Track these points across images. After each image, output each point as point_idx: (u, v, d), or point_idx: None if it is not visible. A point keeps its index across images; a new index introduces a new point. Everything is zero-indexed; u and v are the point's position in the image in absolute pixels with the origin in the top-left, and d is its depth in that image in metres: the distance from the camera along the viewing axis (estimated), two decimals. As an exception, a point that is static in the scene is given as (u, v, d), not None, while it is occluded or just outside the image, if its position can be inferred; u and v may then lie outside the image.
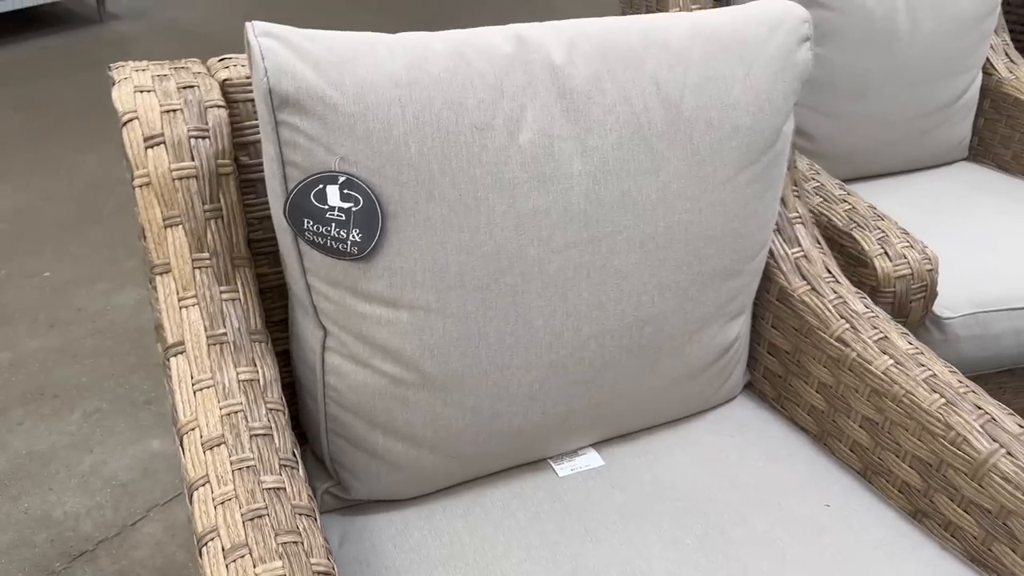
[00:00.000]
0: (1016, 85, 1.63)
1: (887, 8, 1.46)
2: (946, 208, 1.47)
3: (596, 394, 0.89)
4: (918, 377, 0.88)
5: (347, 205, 0.74)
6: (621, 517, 0.85)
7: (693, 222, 0.87)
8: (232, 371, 0.77)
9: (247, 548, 0.65)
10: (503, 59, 0.79)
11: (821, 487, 0.90)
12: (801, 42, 0.91)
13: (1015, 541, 0.78)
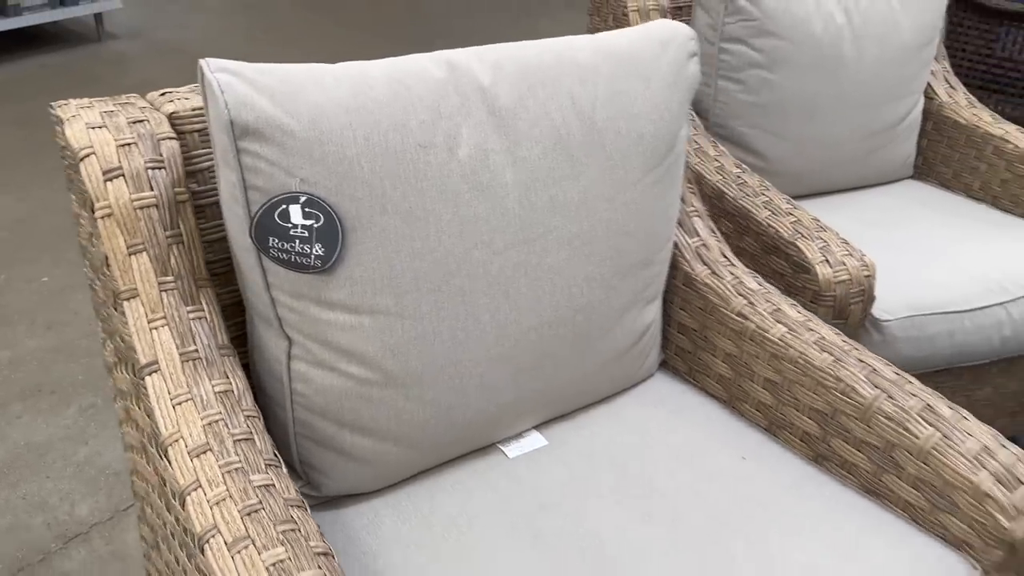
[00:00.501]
0: (955, 109, 1.75)
1: (833, 37, 1.56)
2: (890, 222, 1.57)
3: (538, 380, 0.99)
4: (809, 340, 1.02)
5: (309, 222, 0.80)
6: (569, 487, 0.95)
7: (611, 220, 0.98)
8: (207, 384, 0.82)
9: (249, 539, 0.70)
10: (437, 83, 0.88)
11: (735, 444, 1.03)
12: (690, 57, 1.04)
13: (900, 469, 0.93)
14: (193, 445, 0.77)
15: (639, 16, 1.55)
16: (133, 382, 0.85)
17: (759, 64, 1.54)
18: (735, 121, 1.58)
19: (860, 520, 0.92)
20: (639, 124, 0.99)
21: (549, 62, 0.95)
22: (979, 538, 0.87)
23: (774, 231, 1.27)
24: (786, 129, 1.59)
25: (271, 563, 0.69)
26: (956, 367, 1.42)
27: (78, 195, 0.87)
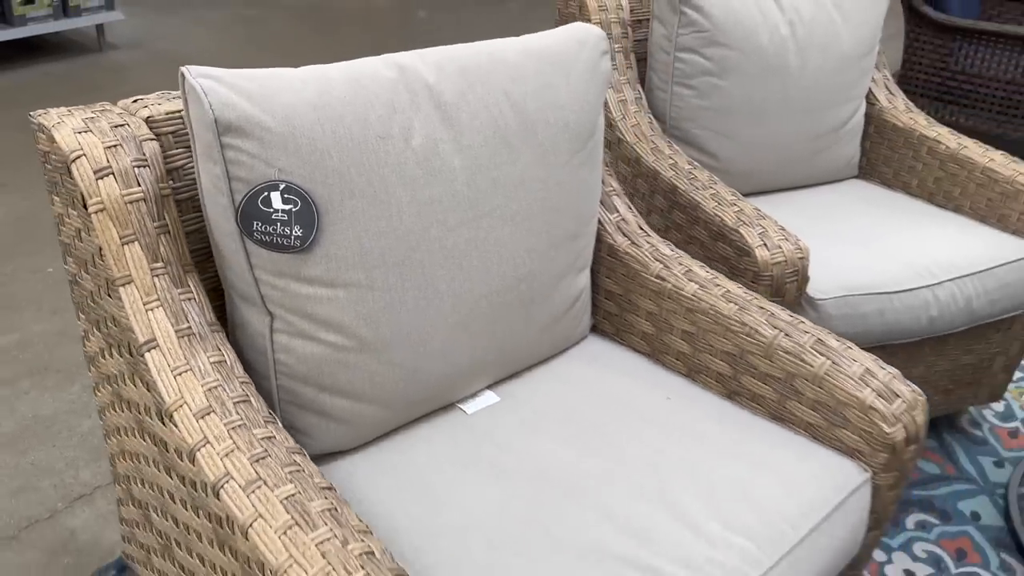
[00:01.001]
0: (895, 114, 1.88)
1: (779, 47, 1.68)
2: (832, 216, 1.70)
3: (489, 343, 1.12)
4: (717, 294, 1.19)
5: (288, 207, 0.91)
6: (521, 433, 1.08)
7: (545, 198, 1.12)
8: (203, 356, 0.91)
9: (260, 480, 0.81)
10: (389, 82, 1.00)
11: (661, 388, 1.19)
12: (602, 55, 1.19)
13: (800, 395, 1.11)
14: (197, 408, 0.87)
15: (602, 27, 1.66)
16: (129, 362, 0.94)
17: (710, 72, 1.65)
18: (689, 124, 1.69)
19: (771, 440, 1.09)
20: (564, 114, 1.13)
21: (484, 62, 1.08)
22: (868, 445, 1.05)
23: (720, 220, 1.40)
24: (736, 131, 1.70)
25: (284, 497, 0.79)
26: (889, 344, 1.55)
27: (64, 196, 0.95)
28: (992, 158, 1.72)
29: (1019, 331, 1.69)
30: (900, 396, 1.05)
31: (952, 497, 1.66)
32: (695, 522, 0.95)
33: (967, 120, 2.85)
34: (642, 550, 0.91)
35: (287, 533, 0.76)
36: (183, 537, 0.96)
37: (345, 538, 0.76)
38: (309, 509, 0.78)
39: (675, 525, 0.95)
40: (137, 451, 1.03)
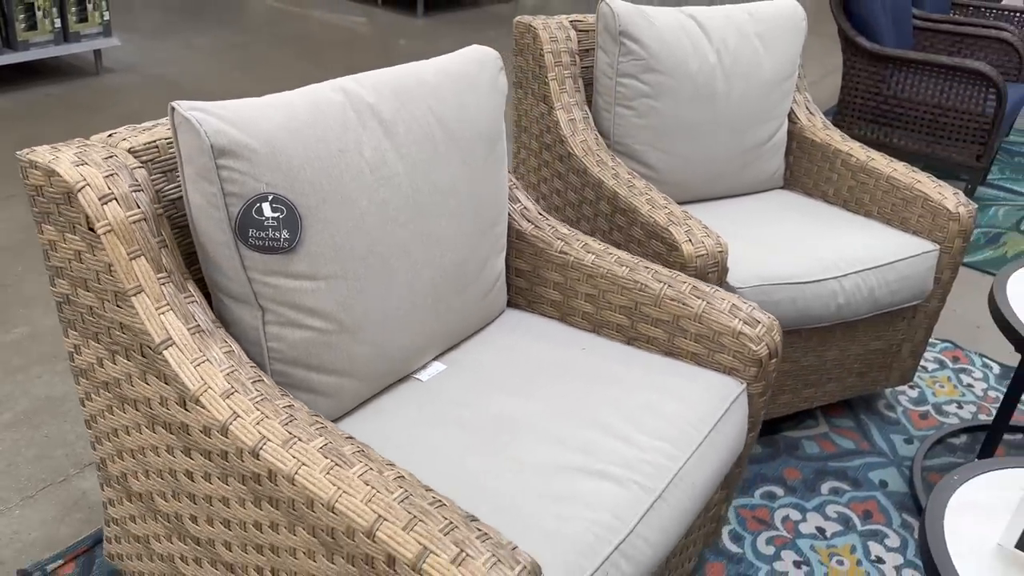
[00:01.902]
0: (813, 131, 2.13)
1: (707, 75, 1.92)
2: (756, 220, 1.93)
3: (435, 320, 1.32)
4: (611, 261, 1.46)
5: (276, 215, 1.08)
6: (471, 392, 1.30)
7: (470, 194, 1.34)
8: (215, 348, 1.07)
9: (295, 438, 0.98)
10: (339, 105, 1.19)
11: (575, 342, 1.44)
12: (499, 71, 1.43)
13: (685, 332, 1.39)
14: (221, 390, 1.02)
15: (553, 57, 1.90)
16: (141, 362, 1.07)
17: (648, 95, 1.87)
18: (630, 140, 1.91)
19: (667, 371, 1.37)
20: (477, 123, 1.36)
21: (411, 83, 1.29)
22: (740, 363, 1.35)
23: (653, 220, 1.63)
24: (672, 147, 1.93)
25: (319, 448, 0.97)
26: (804, 329, 1.77)
27: (60, 223, 1.07)
28: (895, 168, 1.96)
29: (922, 320, 1.94)
30: (761, 322, 1.36)
31: (864, 468, 1.86)
32: (624, 435, 1.21)
33: (900, 140, 3.13)
34: (588, 460, 1.16)
35: (330, 472, 0.94)
36: (203, 510, 1.11)
37: (379, 469, 0.95)
38: (343, 452, 0.97)
39: (610, 440, 1.20)
40: (142, 445, 1.15)
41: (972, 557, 1.06)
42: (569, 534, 1.04)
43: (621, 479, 1.13)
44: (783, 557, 1.59)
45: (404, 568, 0.87)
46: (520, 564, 0.87)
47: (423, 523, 0.89)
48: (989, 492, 1.16)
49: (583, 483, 1.12)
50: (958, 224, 1.83)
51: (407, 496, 0.92)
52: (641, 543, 1.09)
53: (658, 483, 1.15)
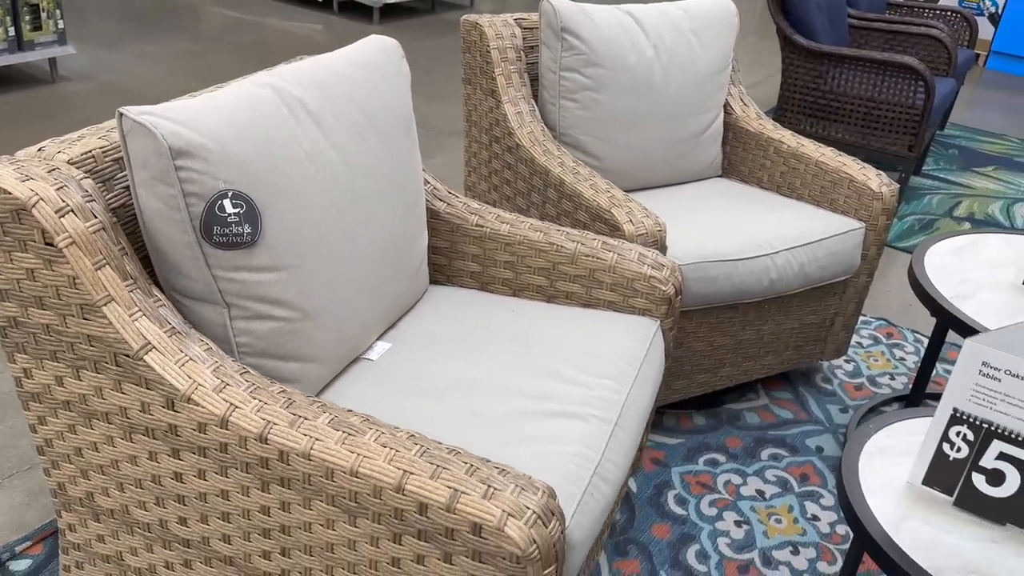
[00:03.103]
0: (747, 121, 2.24)
1: (645, 67, 2.01)
2: (694, 205, 2.04)
3: (378, 299, 1.39)
4: (525, 228, 1.58)
5: (237, 210, 1.11)
6: (422, 363, 1.38)
7: (394, 177, 1.41)
8: (195, 347, 1.08)
9: (300, 418, 1.03)
10: (271, 100, 1.22)
11: (503, 306, 1.55)
12: (401, 59, 1.50)
13: (601, 283, 1.54)
14: (213, 386, 1.05)
15: (499, 53, 1.95)
16: (117, 372, 1.06)
17: (590, 88, 1.96)
18: (575, 131, 2.01)
19: (591, 320, 1.51)
20: (392, 109, 1.43)
21: (328, 75, 1.34)
22: (653, 304, 1.52)
23: (597, 203, 1.72)
24: (614, 137, 2.03)
25: (327, 423, 1.02)
26: (740, 303, 1.88)
27: (6, 244, 1.04)
28: (823, 154, 2.09)
29: (852, 295, 2.07)
30: (666, 265, 1.53)
31: (801, 436, 1.99)
32: (572, 379, 1.34)
33: (837, 133, 3.29)
34: (548, 404, 1.27)
35: (345, 442, 1.00)
36: (194, 510, 1.12)
37: (391, 432, 1.02)
38: (351, 423, 1.02)
39: (561, 384, 1.32)
40: (115, 459, 1.14)
41: (883, 494, 1.16)
42: (552, 467, 1.15)
43: (582, 415, 1.26)
44: (725, 517, 1.73)
45: (437, 512, 0.95)
46: (539, 489, 0.97)
47: (447, 469, 0.97)
48: (899, 438, 1.27)
49: (550, 424, 1.23)
50: (881, 203, 1.97)
51: (425, 450, 0.99)
52: (611, 465, 1.23)
53: (612, 414, 1.29)
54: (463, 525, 0.94)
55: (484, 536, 0.93)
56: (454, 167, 3.38)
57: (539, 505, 0.95)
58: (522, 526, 0.93)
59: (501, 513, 0.93)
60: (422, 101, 4.17)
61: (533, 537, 0.93)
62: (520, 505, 0.94)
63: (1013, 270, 1.75)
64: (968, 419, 1.08)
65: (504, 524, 0.92)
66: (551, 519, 0.95)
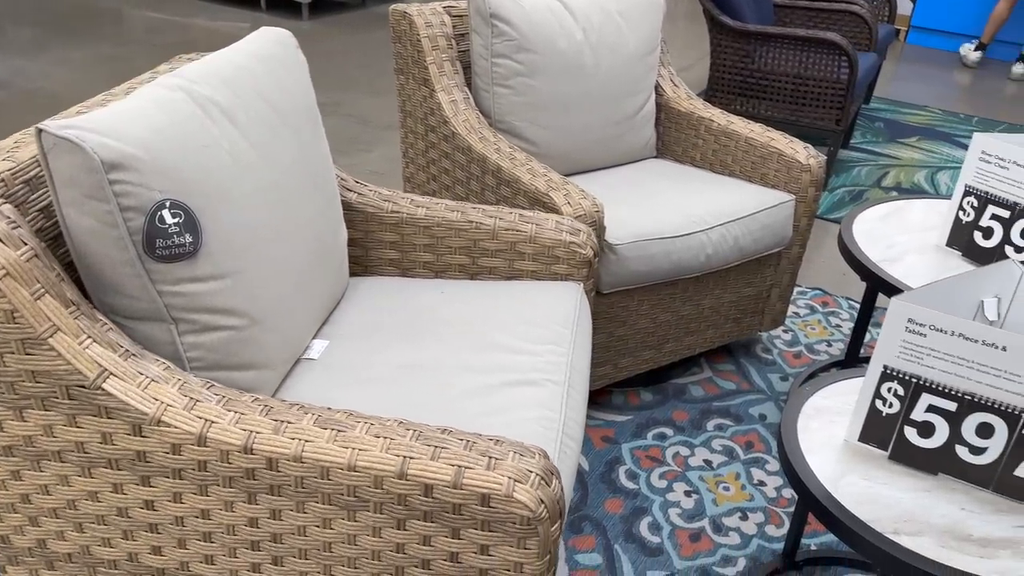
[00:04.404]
0: (678, 102, 2.27)
1: (575, 51, 2.01)
2: (630, 185, 2.06)
3: (313, 296, 1.36)
4: (441, 209, 1.59)
5: (177, 220, 1.06)
6: (367, 353, 1.37)
7: (311, 170, 1.39)
8: (153, 367, 1.03)
9: (284, 423, 1.01)
10: (184, 102, 1.17)
11: (430, 289, 1.56)
12: (297, 49, 1.47)
13: (523, 255, 1.58)
14: (183, 404, 1.00)
15: (429, 42, 1.89)
16: (71, 405, 1.00)
17: (522, 73, 1.96)
18: (511, 117, 1.99)
19: (520, 291, 1.55)
20: (296, 99, 1.40)
21: (232, 72, 1.29)
22: (574, 268, 1.58)
23: (535, 188, 1.73)
24: (549, 121, 2.03)
25: (312, 423, 1.01)
26: (680, 280, 1.94)
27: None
28: (752, 130, 2.13)
29: (787, 266, 2.14)
30: (582, 231, 1.59)
31: (744, 405, 2.05)
32: (518, 348, 1.38)
33: (767, 111, 3.32)
34: (503, 376, 1.31)
35: (336, 439, 0.99)
36: (170, 536, 1.07)
37: (380, 422, 1.02)
38: (337, 419, 1.02)
39: (507, 355, 1.36)
40: (72, 498, 1.07)
41: (822, 453, 1.21)
42: (523, 433, 1.19)
43: (536, 381, 1.31)
44: (675, 488, 1.78)
45: (444, 491, 0.96)
46: (535, 453, 1.01)
47: (445, 449, 0.99)
48: (835, 399, 1.33)
49: (508, 393, 1.27)
50: (810, 175, 2.03)
51: (419, 434, 1.01)
52: (572, 424, 1.28)
53: (562, 376, 1.35)
54: (471, 499, 0.96)
55: (493, 505, 0.96)
56: (393, 160, 3.32)
57: (540, 467, 0.99)
58: (529, 489, 0.96)
59: (508, 480, 0.96)
60: (359, 96, 4.06)
61: (541, 498, 0.96)
62: (523, 470, 0.97)
63: (936, 233, 1.87)
64: (898, 375, 1.15)
65: (513, 490, 0.95)
66: (552, 478, 0.99)
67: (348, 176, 1.64)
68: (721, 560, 1.62)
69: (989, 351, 1.07)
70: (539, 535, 0.97)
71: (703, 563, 1.61)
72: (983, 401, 1.10)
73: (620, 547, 1.64)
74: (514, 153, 1.85)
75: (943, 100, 4.79)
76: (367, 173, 3.20)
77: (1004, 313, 1.26)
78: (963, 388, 1.10)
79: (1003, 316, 1.26)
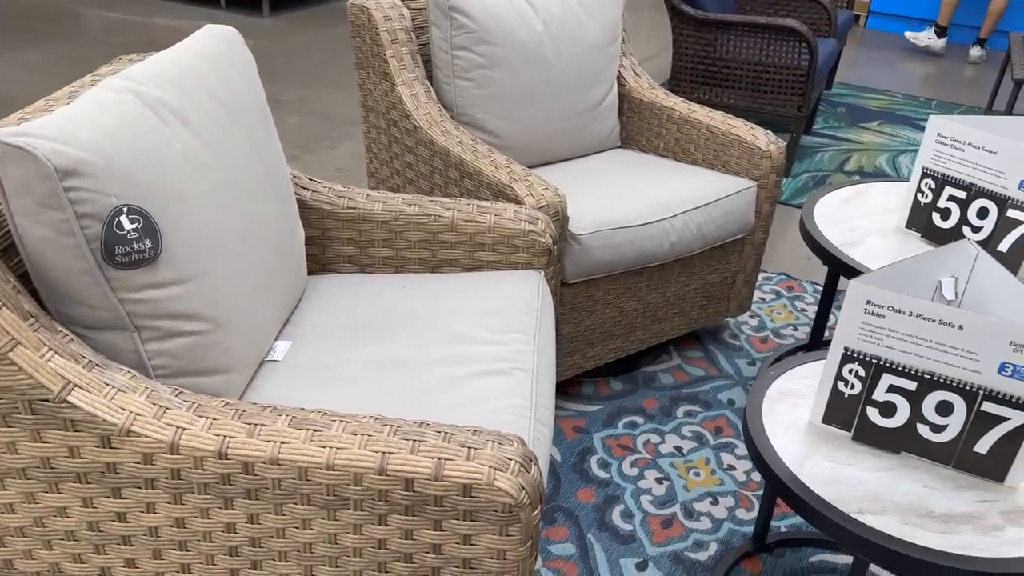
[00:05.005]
0: (640, 91, 2.27)
1: (536, 42, 1.99)
2: (595, 176, 2.06)
3: (274, 296, 1.34)
4: (398, 203, 1.58)
5: (135, 225, 1.03)
6: (332, 353, 1.36)
7: (265, 168, 1.36)
8: (119, 376, 1.01)
9: (258, 425, 0.99)
10: (135, 103, 1.14)
11: (392, 285, 1.55)
12: (243, 45, 1.44)
13: (482, 245, 1.58)
14: (152, 413, 0.98)
15: (388, 36, 1.85)
16: (34, 420, 0.97)
17: (483, 65, 1.94)
18: (473, 110, 1.97)
19: (482, 281, 1.55)
20: (246, 97, 1.37)
21: (179, 71, 1.26)
22: (534, 256, 1.59)
23: (497, 179, 1.73)
24: (512, 113, 2.02)
25: (287, 424, 1.00)
26: (645, 268, 1.94)
27: None
28: (713, 118, 2.15)
29: (751, 252, 2.15)
30: (540, 219, 1.60)
31: (713, 391, 2.08)
32: (484, 339, 1.38)
33: (730, 99, 3.32)
34: (472, 367, 1.31)
35: (313, 440, 0.98)
36: (144, 547, 1.05)
37: (355, 419, 1.01)
38: (312, 419, 1.01)
39: (476, 346, 1.36)
40: (40, 515, 1.04)
41: (787, 436, 1.23)
42: (496, 422, 1.20)
43: (505, 370, 1.31)
44: (646, 476, 1.80)
45: (425, 484, 0.96)
46: (513, 440, 1.02)
47: (424, 442, 0.99)
48: (799, 382, 1.35)
49: (478, 384, 1.27)
50: (770, 161, 2.05)
51: (396, 428, 1.00)
52: (543, 409, 1.29)
53: (529, 364, 1.35)
54: (453, 490, 0.96)
55: (475, 495, 0.97)
56: (358, 156, 3.28)
57: (519, 454, 1.00)
58: (510, 477, 0.97)
59: (488, 470, 0.96)
60: (322, 92, 3.99)
61: (521, 484, 0.97)
62: (503, 458, 0.98)
63: (896, 215, 1.91)
64: (858, 356, 1.18)
65: (494, 479, 0.96)
66: (531, 464, 1.00)
67: (301, 174, 1.61)
68: (693, 545, 1.65)
69: (946, 330, 1.11)
70: (521, 521, 0.98)
71: (675, 549, 1.64)
72: (942, 380, 1.14)
73: (593, 536, 1.66)
74: (476, 146, 1.85)
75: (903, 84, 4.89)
76: (333, 170, 3.17)
77: (961, 292, 1.31)
78: (922, 367, 1.14)
79: (960, 295, 1.31)
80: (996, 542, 1.07)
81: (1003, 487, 1.16)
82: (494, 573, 1.01)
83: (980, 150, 1.63)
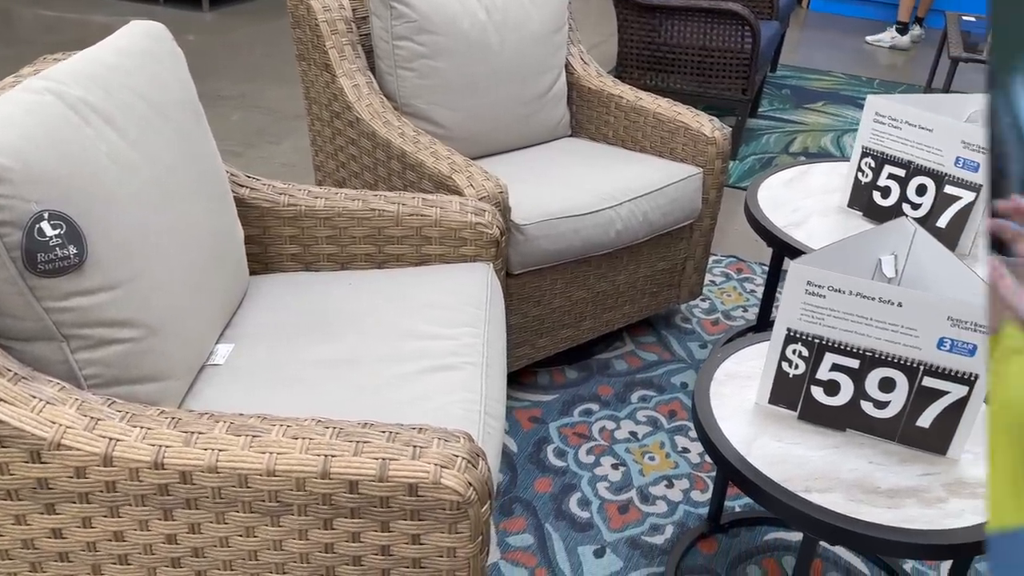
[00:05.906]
0: (588, 80, 2.24)
1: (479, 30, 1.95)
2: (542, 165, 2.04)
3: (212, 298, 1.31)
4: (340, 199, 1.55)
5: (58, 231, 0.99)
6: (277, 353, 1.33)
7: (198, 168, 1.32)
8: (47, 388, 0.97)
9: (193, 433, 0.97)
10: (57, 105, 1.09)
11: (338, 282, 1.52)
12: (172, 41, 1.39)
13: (429, 239, 1.56)
14: (83, 425, 0.95)
15: (328, 26, 1.82)
16: (-43, 438, 0.93)
17: (425, 55, 1.90)
18: (417, 100, 1.93)
19: (429, 275, 1.53)
20: (174, 96, 1.33)
21: (102, 70, 1.21)
22: (482, 248, 1.58)
23: (438, 171, 1.69)
24: (456, 103, 1.98)
25: (225, 431, 0.97)
26: (592, 257, 1.93)
27: None
28: (659, 105, 2.14)
29: (699, 239, 2.16)
30: (487, 210, 1.58)
31: (667, 375, 2.09)
32: (432, 334, 1.36)
33: (676, 84, 3.30)
34: (422, 363, 1.29)
35: (252, 445, 0.96)
36: (83, 563, 1.02)
37: (296, 423, 0.99)
38: (251, 424, 0.98)
39: (425, 342, 1.35)
40: (-31, 536, 1.00)
41: (734, 417, 1.24)
42: (446, 418, 1.19)
43: (455, 365, 1.30)
44: (602, 463, 1.80)
45: (370, 485, 0.95)
46: (459, 437, 1.00)
47: (367, 443, 0.97)
48: (745, 364, 1.36)
49: (428, 380, 1.26)
50: (716, 147, 2.05)
51: (339, 430, 0.98)
52: (493, 402, 1.28)
53: (479, 358, 1.34)
54: (399, 490, 0.95)
55: (421, 494, 0.95)
56: (303, 151, 3.22)
57: (465, 450, 0.98)
58: (456, 474, 0.95)
59: (434, 468, 0.95)
60: (265, 86, 3.91)
61: (469, 480, 0.96)
62: (448, 455, 0.97)
63: (839, 195, 1.92)
64: (801, 337, 1.19)
65: (440, 477, 0.95)
66: (478, 460, 0.99)
67: (238, 171, 1.57)
68: (650, 529, 1.66)
69: (886, 308, 1.12)
70: (470, 518, 0.97)
71: (632, 534, 1.64)
72: (883, 356, 1.15)
73: (551, 526, 1.65)
74: (418, 137, 1.82)
75: (846, 64, 4.94)
76: (278, 166, 3.10)
77: (901, 270, 1.32)
78: (864, 345, 1.15)
79: (900, 272, 1.32)
80: (939, 514, 1.09)
81: (945, 459, 1.18)
82: (445, 571, 1.00)
83: (917, 128, 1.65)
